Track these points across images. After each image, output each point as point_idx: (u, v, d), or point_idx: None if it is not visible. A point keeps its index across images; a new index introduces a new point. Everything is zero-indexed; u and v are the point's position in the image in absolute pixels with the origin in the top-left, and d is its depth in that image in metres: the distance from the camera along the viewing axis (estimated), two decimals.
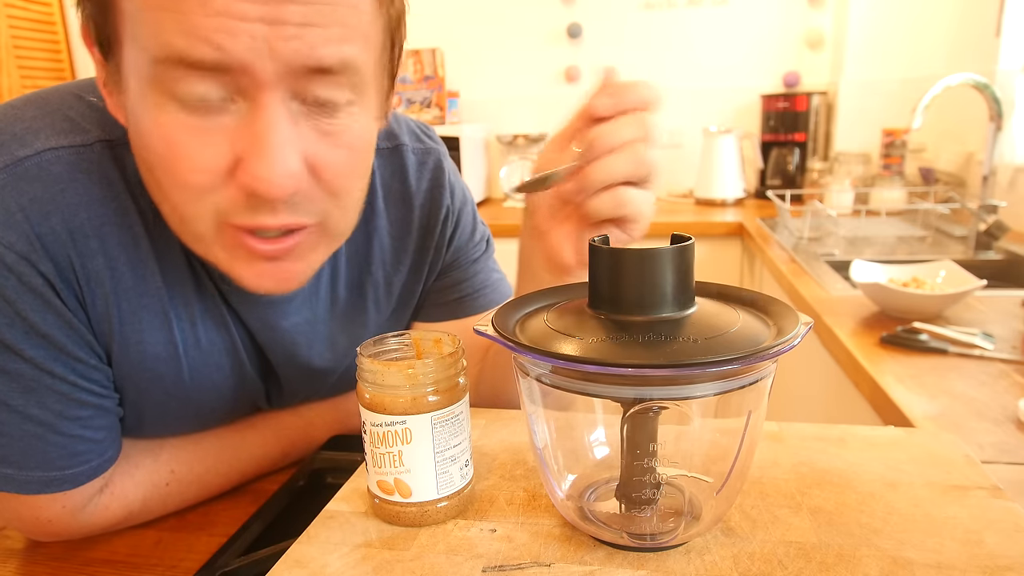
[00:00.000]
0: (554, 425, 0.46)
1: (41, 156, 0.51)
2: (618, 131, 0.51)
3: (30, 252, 0.50)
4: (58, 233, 0.51)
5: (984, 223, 1.65)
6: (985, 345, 1.02)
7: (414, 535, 0.46)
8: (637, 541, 0.43)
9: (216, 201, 0.48)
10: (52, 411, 0.54)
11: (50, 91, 0.57)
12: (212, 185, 0.47)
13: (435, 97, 2.72)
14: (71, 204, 0.52)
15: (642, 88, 0.53)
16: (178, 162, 0.47)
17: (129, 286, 0.56)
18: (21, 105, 0.54)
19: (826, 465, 0.52)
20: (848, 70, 2.48)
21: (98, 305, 0.55)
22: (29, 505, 0.56)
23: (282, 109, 0.46)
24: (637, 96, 0.52)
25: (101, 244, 0.53)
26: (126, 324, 0.56)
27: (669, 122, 2.77)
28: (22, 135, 0.52)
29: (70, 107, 0.54)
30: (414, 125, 0.74)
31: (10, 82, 2.60)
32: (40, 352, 0.52)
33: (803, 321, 0.41)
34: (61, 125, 0.53)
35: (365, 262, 0.69)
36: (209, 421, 0.67)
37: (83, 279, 0.53)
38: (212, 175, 0.47)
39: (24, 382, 0.52)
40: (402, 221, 0.71)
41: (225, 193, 0.48)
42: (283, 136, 0.46)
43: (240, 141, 0.46)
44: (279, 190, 0.46)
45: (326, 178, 0.50)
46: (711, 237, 2.23)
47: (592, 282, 0.44)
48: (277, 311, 0.64)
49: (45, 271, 0.51)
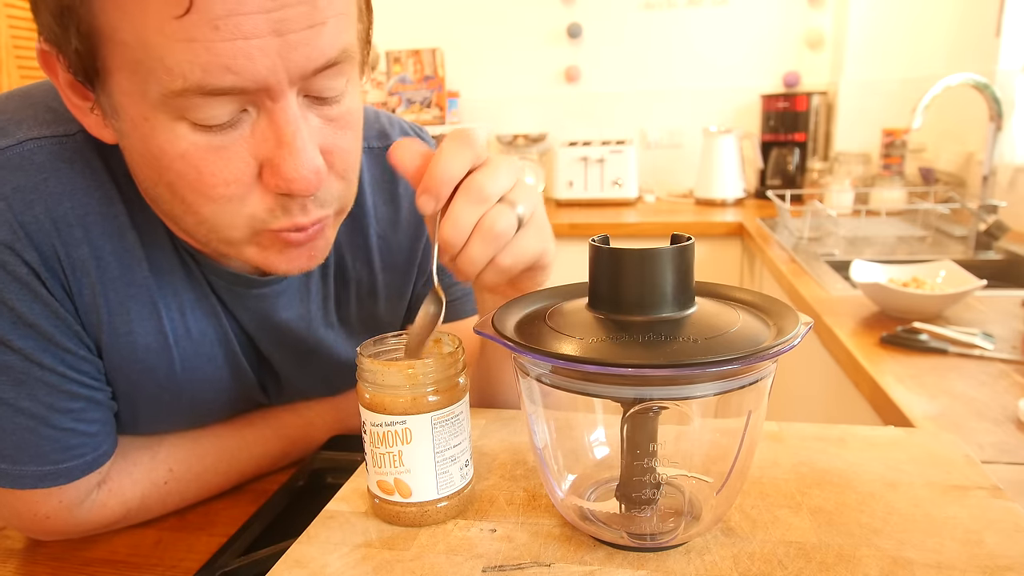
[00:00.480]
0: (554, 425, 0.46)
1: (23, 146, 0.51)
2: (454, 225, 0.47)
3: (14, 241, 0.50)
4: (42, 222, 0.51)
5: (984, 223, 1.65)
6: (985, 345, 1.02)
7: (414, 535, 0.46)
8: (637, 541, 0.43)
9: (250, 209, 0.49)
10: (43, 403, 0.54)
11: (33, 86, 0.57)
12: (242, 195, 0.48)
13: (435, 97, 2.72)
14: (54, 193, 0.52)
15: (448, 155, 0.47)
16: (205, 179, 0.47)
17: (116, 275, 0.56)
18: (3, 99, 0.55)
19: (826, 465, 0.52)
20: (848, 70, 2.48)
21: (85, 295, 0.55)
22: (25, 501, 0.56)
23: (295, 110, 0.46)
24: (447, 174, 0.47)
25: (85, 233, 0.53)
26: (114, 314, 0.56)
27: (669, 122, 2.77)
28: (4, 126, 0.52)
29: (53, 99, 0.54)
30: (407, 125, 0.75)
31: (10, 82, 2.60)
32: (28, 343, 0.52)
33: (803, 321, 0.41)
34: (44, 116, 0.53)
35: (352, 258, 0.69)
36: (206, 416, 0.67)
37: (68, 268, 0.53)
38: (241, 185, 0.48)
39: (13, 374, 0.53)
40: (390, 220, 0.71)
41: (256, 199, 0.49)
42: (303, 136, 0.47)
43: (262, 148, 0.47)
44: (311, 187, 0.48)
45: (337, 162, 0.51)
46: (711, 237, 2.23)
47: (592, 282, 0.44)
48: (267, 304, 0.64)
49: (30, 260, 0.51)
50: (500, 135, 2.76)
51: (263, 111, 0.46)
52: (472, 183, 0.48)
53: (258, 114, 0.46)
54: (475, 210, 0.48)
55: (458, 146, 0.48)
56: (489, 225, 0.48)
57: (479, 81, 2.85)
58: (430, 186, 0.47)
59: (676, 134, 2.77)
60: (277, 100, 0.45)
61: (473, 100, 2.86)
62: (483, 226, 0.48)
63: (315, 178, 0.47)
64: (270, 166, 0.47)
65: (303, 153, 0.47)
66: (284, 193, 0.48)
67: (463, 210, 0.48)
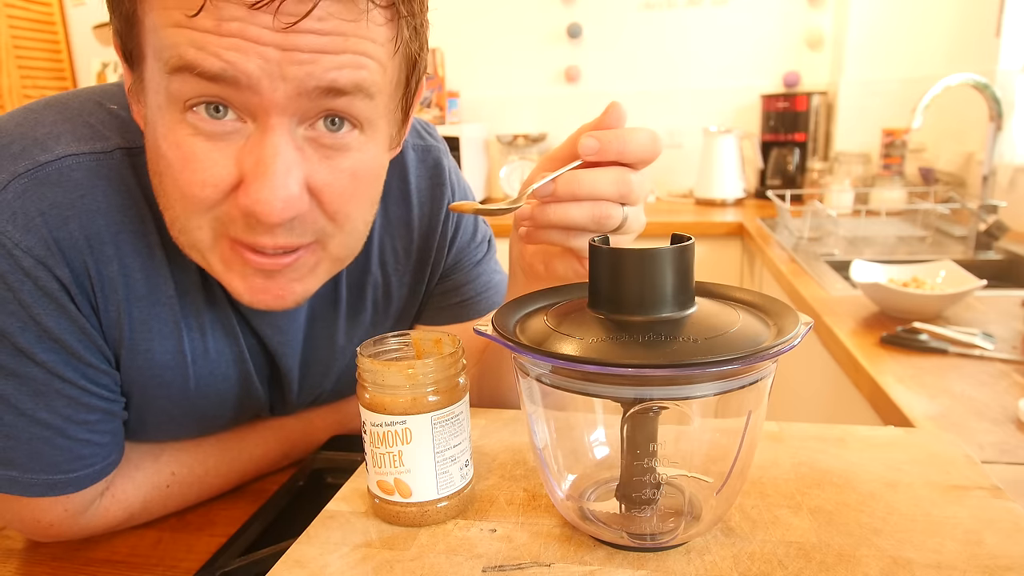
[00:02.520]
0: (554, 425, 0.46)
1: (62, 162, 0.52)
2: (587, 184, 0.49)
3: (47, 257, 0.50)
4: (76, 239, 0.52)
5: (984, 223, 1.65)
6: (985, 345, 1.02)
7: (414, 535, 0.46)
8: (637, 541, 0.43)
9: (217, 214, 0.49)
10: (61, 415, 0.54)
11: (69, 96, 0.57)
12: (215, 200, 0.48)
13: (435, 97, 2.72)
14: (89, 210, 0.52)
15: (636, 140, 0.49)
16: (186, 174, 0.47)
17: (142, 294, 0.56)
18: (40, 109, 0.54)
19: (826, 465, 0.52)
20: (848, 70, 2.48)
21: (110, 311, 0.55)
22: (31, 508, 0.56)
23: (287, 135, 0.47)
24: (624, 148, 0.49)
25: (117, 251, 0.54)
26: (136, 331, 0.56)
27: (669, 122, 2.77)
28: (43, 140, 0.52)
29: (91, 113, 0.55)
30: (415, 122, 0.74)
31: (10, 82, 2.60)
32: (52, 356, 0.52)
33: (803, 321, 0.41)
34: (82, 131, 0.53)
35: (365, 262, 0.69)
36: (211, 428, 0.67)
37: (98, 285, 0.53)
38: (216, 190, 0.48)
39: (35, 386, 0.52)
40: (402, 220, 0.70)
41: (225, 208, 0.49)
42: (285, 162, 0.46)
43: (244, 162, 0.47)
44: (277, 215, 0.47)
45: (326, 201, 0.50)
46: (711, 237, 2.23)
47: (592, 282, 0.44)
48: (286, 314, 0.64)
49: (61, 276, 0.51)
50: (500, 135, 2.76)
51: (259, 127, 0.46)
52: (626, 172, 0.49)
53: (255, 127, 0.47)
54: (611, 190, 0.49)
55: (649, 140, 0.50)
56: (605, 209, 0.49)
57: (479, 81, 2.85)
58: (606, 139, 0.48)
59: (676, 134, 2.77)
60: (270, 114, 0.45)
61: (473, 100, 2.86)
62: (601, 205, 0.49)
63: (282, 206, 0.46)
64: (244, 181, 0.47)
65: (276, 179, 0.46)
66: (249, 214, 0.47)
67: (605, 182, 0.49)
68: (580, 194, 0.49)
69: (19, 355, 0.51)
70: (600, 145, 0.48)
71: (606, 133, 0.49)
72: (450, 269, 0.75)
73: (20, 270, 0.50)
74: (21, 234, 0.49)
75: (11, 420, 0.53)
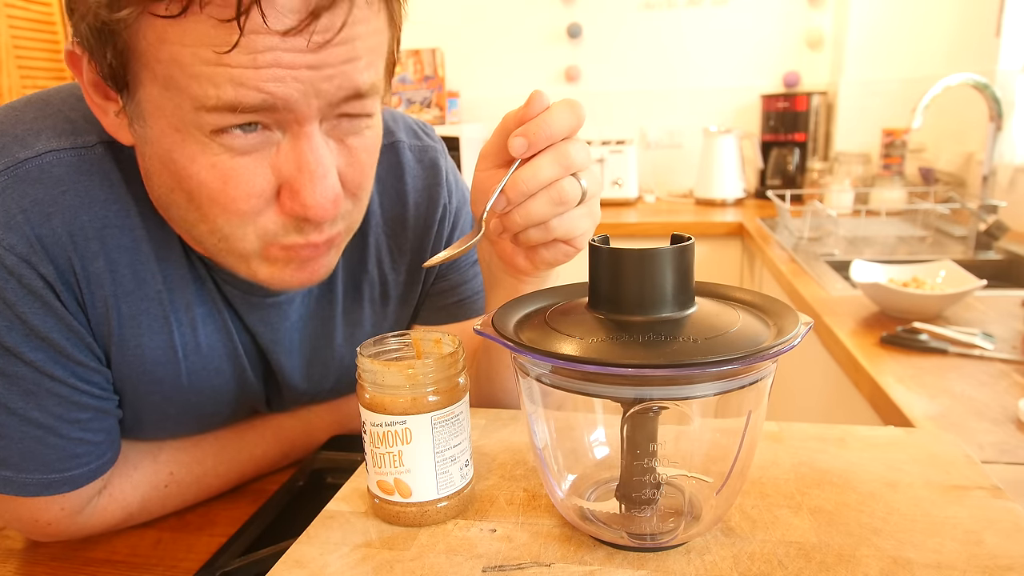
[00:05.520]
0: (554, 425, 0.46)
1: (42, 158, 0.51)
2: (531, 179, 0.49)
3: (31, 254, 0.50)
4: (59, 235, 0.51)
5: (984, 223, 1.65)
6: (985, 345, 1.02)
7: (414, 535, 0.46)
8: (637, 541, 0.43)
9: (262, 224, 0.50)
10: (52, 414, 0.54)
11: (50, 92, 0.57)
12: (259, 210, 0.49)
13: (435, 97, 2.72)
14: (72, 206, 0.52)
15: (558, 119, 0.50)
16: (228, 191, 0.48)
17: (130, 289, 0.56)
18: (21, 107, 0.54)
19: (826, 465, 0.52)
20: (848, 70, 2.48)
21: (98, 307, 0.55)
22: (28, 507, 0.56)
23: (319, 139, 0.48)
24: (551, 131, 0.49)
25: (102, 246, 0.53)
26: (125, 327, 0.56)
27: (669, 122, 2.77)
28: (23, 136, 0.52)
29: (72, 108, 0.54)
30: (412, 122, 0.74)
31: (10, 82, 2.60)
32: (40, 355, 0.52)
33: (803, 321, 0.41)
34: (62, 126, 0.53)
35: (361, 260, 0.69)
36: (208, 424, 0.67)
37: (83, 281, 0.53)
38: (260, 200, 0.49)
39: (24, 385, 0.52)
40: (397, 219, 0.71)
41: (270, 216, 0.50)
42: (324, 165, 0.48)
43: (282, 169, 0.48)
44: (328, 214, 0.49)
45: (349, 183, 0.52)
46: (711, 237, 2.23)
47: (592, 282, 0.44)
48: (279, 312, 0.64)
49: (45, 273, 0.51)
50: None
51: (288, 133, 0.47)
52: (563, 148, 0.50)
53: (283, 135, 0.47)
54: (556, 171, 0.50)
55: (569, 112, 0.50)
56: (559, 189, 0.50)
57: (479, 81, 2.85)
58: (531, 132, 0.49)
59: (676, 134, 2.77)
60: (303, 124, 0.47)
61: (473, 100, 2.86)
62: (554, 188, 0.50)
63: (332, 206, 0.49)
64: (289, 189, 0.48)
65: (323, 181, 0.48)
66: (300, 217, 0.50)
67: (546, 167, 0.50)
68: (530, 190, 0.50)
69: (6, 355, 0.51)
70: (529, 140, 0.49)
71: (530, 125, 0.50)
72: (447, 268, 0.75)
73: (3, 268, 0.49)
74: (3, 232, 0.49)
75: (2, 420, 0.53)
